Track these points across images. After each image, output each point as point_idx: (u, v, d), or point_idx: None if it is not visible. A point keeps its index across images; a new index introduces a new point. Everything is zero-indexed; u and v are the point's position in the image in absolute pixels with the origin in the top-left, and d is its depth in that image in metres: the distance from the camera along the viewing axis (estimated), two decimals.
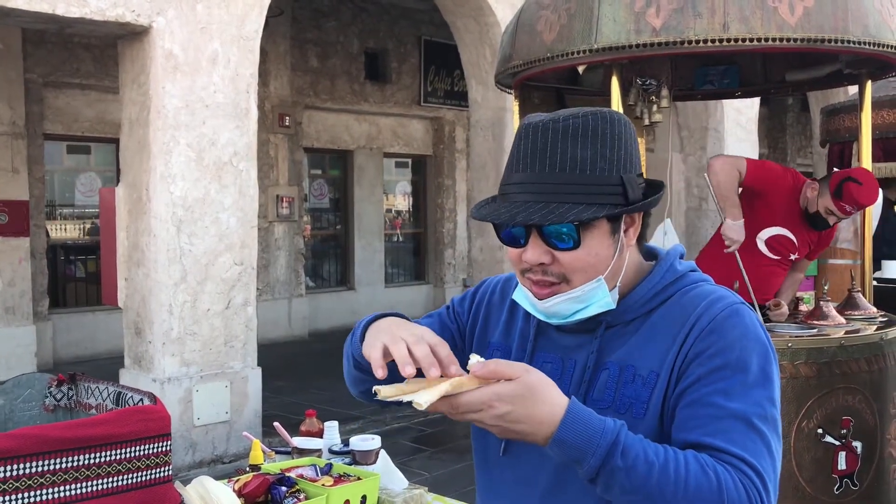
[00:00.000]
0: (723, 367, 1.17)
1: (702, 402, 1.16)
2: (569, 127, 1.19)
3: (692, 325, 1.21)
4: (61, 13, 4.77)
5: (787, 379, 3.24)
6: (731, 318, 1.20)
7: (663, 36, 3.15)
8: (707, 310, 1.22)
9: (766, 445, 1.15)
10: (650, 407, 1.20)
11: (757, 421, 1.15)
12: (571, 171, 1.18)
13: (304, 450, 2.31)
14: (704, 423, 1.15)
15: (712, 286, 1.29)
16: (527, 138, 1.21)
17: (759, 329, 1.22)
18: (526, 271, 1.25)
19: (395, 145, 12.46)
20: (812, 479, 3.20)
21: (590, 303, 1.24)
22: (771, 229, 4.01)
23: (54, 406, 2.11)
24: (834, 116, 6.81)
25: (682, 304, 1.25)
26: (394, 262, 12.89)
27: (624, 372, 1.24)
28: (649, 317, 1.27)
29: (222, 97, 5.47)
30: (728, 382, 1.16)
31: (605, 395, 1.24)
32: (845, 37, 3.15)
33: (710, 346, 1.18)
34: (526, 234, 1.22)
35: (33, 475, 1.50)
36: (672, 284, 1.28)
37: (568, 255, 1.21)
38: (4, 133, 8.39)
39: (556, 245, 1.21)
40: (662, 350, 1.22)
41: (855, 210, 3.83)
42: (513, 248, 1.25)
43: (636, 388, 1.22)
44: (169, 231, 5.26)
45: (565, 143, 1.18)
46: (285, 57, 10.69)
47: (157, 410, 1.70)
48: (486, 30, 6.98)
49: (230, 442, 5.56)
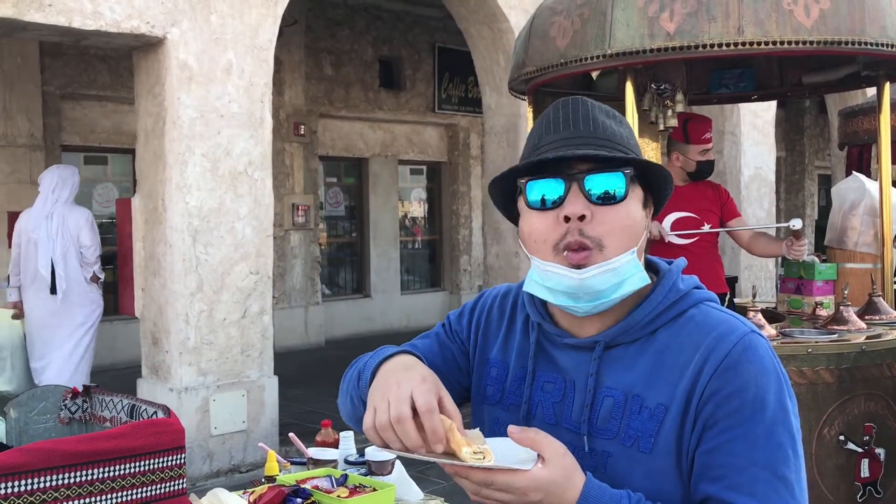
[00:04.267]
0: (741, 407, 1.12)
1: (722, 449, 1.12)
2: (602, 107, 1.23)
3: (705, 359, 1.15)
4: (77, 26, 4.81)
5: (807, 385, 3.19)
6: (747, 352, 1.14)
7: (677, 40, 3.13)
8: (719, 342, 1.15)
9: (790, 492, 1.11)
10: (658, 442, 1.15)
11: (781, 468, 1.11)
12: (612, 135, 1.19)
13: (320, 460, 2.30)
14: (727, 473, 1.11)
15: (719, 310, 1.23)
16: (565, 107, 1.21)
17: (773, 359, 1.17)
18: (561, 243, 1.16)
19: (409, 152, 12.47)
20: (835, 487, 3.15)
21: (625, 277, 1.16)
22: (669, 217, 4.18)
23: (69, 419, 2.11)
24: (852, 119, 6.75)
25: (690, 330, 1.19)
26: (409, 270, 12.88)
27: (630, 402, 1.17)
28: (652, 339, 1.20)
29: (237, 107, 5.49)
30: (747, 426, 1.11)
31: (610, 425, 1.18)
32: (862, 38, 3.11)
33: (727, 383, 1.13)
34: (566, 191, 1.16)
35: (48, 489, 1.49)
36: (676, 304, 1.22)
37: (610, 212, 1.15)
38: (23, 145, 8.46)
39: (599, 199, 1.15)
40: (671, 381, 1.16)
41: (710, 135, 4.22)
42: (543, 215, 1.17)
43: (643, 420, 1.16)
44: (185, 241, 5.28)
45: (603, 116, 1.21)
46: (300, 66, 10.73)
47: (171, 423, 1.69)
48: (499, 36, 6.97)
49: (247, 451, 5.56)
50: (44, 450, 1.50)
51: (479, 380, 1.36)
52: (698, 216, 4.19)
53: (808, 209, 16.80)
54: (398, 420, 1.07)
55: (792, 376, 3.24)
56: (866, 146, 6.82)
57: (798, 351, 3.24)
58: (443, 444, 1.06)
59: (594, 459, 1.18)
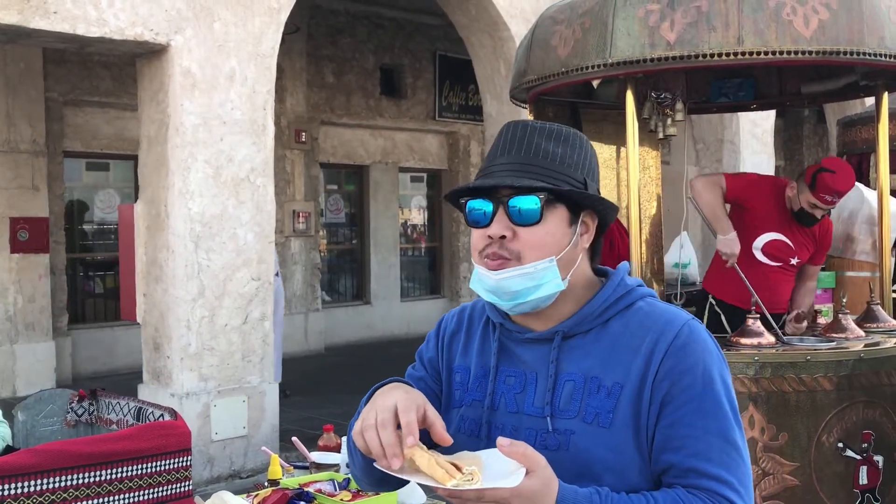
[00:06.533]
0: (693, 384, 1.29)
1: (681, 422, 1.27)
2: (545, 128, 1.37)
3: (656, 342, 1.30)
4: (82, 33, 4.84)
5: (806, 392, 3.21)
6: (692, 335, 1.31)
7: (678, 50, 3.15)
8: (667, 327, 1.32)
9: (739, 453, 1.29)
10: (616, 417, 1.28)
11: (730, 434, 1.28)
12: (543, 158, 1.34)
13: (322, 464, 2.32)
14: (686, 443, 1.27)
15: (662, 302, 1.40)
16: (510, 131, 1.37)
17: (712, 341, 1.34)
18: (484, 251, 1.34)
19: (410, 160, 12.50)
20: (833, 494, 3.17)
21: (541, 282, 1.32)
22: (764, 236, 4.07)
23: (76, 421, 2.13)
24: (851, 128, 6.78)
25: (640, 318, 1.35)
26: (409, 277, 12.90)
27: (589, 383, 1.32)
28: (606, 328, 1.35)
29: (239, 114, 5.52)
30: (700, 400, 1.28)
31: (572, 406, 1.31)
32: (861, 49, 3.14)
33: (679, 362, 1.29)
34: (493, 212, 1.33)
35: (56, 490, 1.51)
36: (624, 297, 1.38)
37: (528, 232, 1.31)
38: (25, 151, 8.49)
39: (518, 221, 1.31)
40: (625, 362, 1.31)
41: (835, 198, 3.91)
42: (477, 230, 1.35)
43: (601, 398, 1.30)
44: (187, 247, 5.30)
45: (541, 138, 1.35)
46: (301, 73, 10.76)
47: (178, 426, 1.71)
48: (500, 45, 7.00)
49: (248, 457, 5.57)
50: (53, 451, 1.51)
51: (447, 388, 1.49)
52: (793, 247, 4.07)
53: None
54: (381, 424, 1.20)
55: (791, 384, 3.26)
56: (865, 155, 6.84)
57: (797, 358, 3.26)
58: (407, 449, 1.18)
59: (558, 438, 1.30)
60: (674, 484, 1.27)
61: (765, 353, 3.30)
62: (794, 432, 3.26)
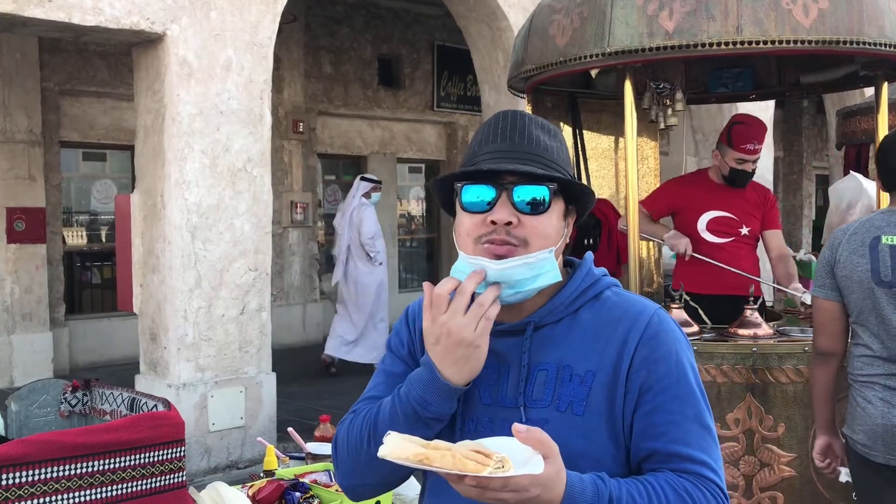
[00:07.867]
0: (668, 372, 1.32)
1: (660, 409, 1.30)
2: (538, 121, 1.37)
3: (628, 331, 1.33)
4: (77, 22, 4.81)
5: (803, 383, 3.21)
6: (662, 324, 1.35)
7: (676, 39, 3.13)
8: (638, 316, 1.35)
9: (712, 436, 1.33)
10: (589, 405, 1.31)
11: (704, 418, 1.33)
12: (544, 149, 1.34)
13: (319, 455, 2.31)
14: (667, 430, 1.30)
15: (628, 292, 1.43)
16: (504, 119, 1.36)
17: (680, 329, 1.38)
18: (483, 237, 1.31)
19: (408, 150, 12.47)
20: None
21: (540, 272, 1.31)
22: (704, 216, 4.11)
23: (69, 412, 2.12)
24: (850, 119, 6.76)
25: (610, 308, 1.37)
26: (407, 267, 12.89)
27: (561, 372, 1.33)
28: (576, 318, 1.37)
29: (236, 104, 5.49)
30: (676, 388, 1.32)
31: (545, 395, 1.33)
32: (861, 38, 3.12)
33: (653, 351, 1.32)
34: (495, 198, 1.30)
35: (48, 481, 1.50)
36: (593, 286, 1.40)
37: (534, 220, 1.31)
38: (21, 141, 8.46)
39: (525, 209, 1.30)
40: (597, 351, 1.33)
41: (755, 145, 3.99)
42: (473, 216, 1.32)
43: (574, 387, 1.32)
44: (184, 237, 5.28)
45: (537, 129, 1.36)
46: (299, 63, 10.72)
47: (171, 416, 1.70)
48: (498, 34, 6.98)
49: (245, 447, 5.57)
50: (44, 441, 1.50)
51: None
52: (736, 218, 4.09)
53: (806, 209, 16.83)
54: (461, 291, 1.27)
55: (788, 374, 3.26)
56: (864, 146, 6.83)
57: (795, 349, 3.26)
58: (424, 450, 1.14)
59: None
60: (660, 468, 1.29)
61: (762, 344, 3.30)
62: (792, 423, 3.26)
